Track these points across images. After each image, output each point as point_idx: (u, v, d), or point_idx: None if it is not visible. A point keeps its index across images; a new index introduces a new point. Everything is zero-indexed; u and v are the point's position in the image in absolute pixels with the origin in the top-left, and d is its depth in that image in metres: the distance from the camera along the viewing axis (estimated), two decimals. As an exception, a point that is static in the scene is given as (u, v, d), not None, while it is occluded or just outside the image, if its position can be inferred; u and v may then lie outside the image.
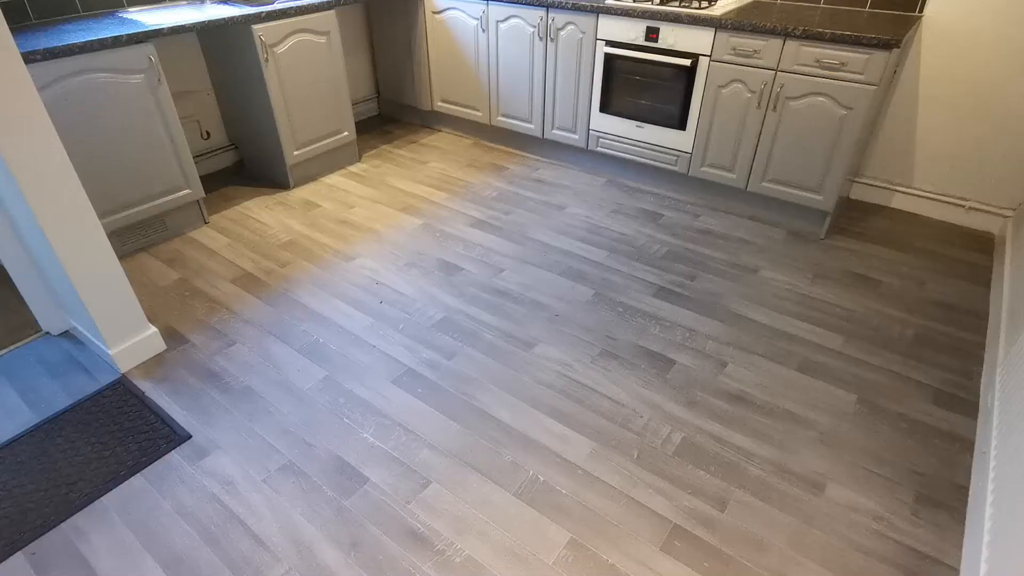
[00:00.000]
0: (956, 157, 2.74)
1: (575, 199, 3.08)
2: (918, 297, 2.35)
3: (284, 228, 2.83)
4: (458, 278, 2.47)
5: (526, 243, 2.71)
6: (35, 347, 2.12)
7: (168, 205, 2.67)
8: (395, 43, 3.74)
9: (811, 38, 2.36)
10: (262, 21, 2.71)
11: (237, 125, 3.25)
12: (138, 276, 2.50)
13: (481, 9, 3.22)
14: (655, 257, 2.60)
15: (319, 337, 2.15)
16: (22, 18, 2.49)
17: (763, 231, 2.79)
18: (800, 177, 2.64)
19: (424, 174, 3.35)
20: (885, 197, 3.00)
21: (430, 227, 2.83)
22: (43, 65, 2.12)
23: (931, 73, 2.65)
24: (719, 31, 2.57)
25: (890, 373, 1.99)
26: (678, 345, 2.11)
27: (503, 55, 3.29)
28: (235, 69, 2.96)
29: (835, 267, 2.53)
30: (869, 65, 2.29)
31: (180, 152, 2.63)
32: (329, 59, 3.07)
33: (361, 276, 2.49)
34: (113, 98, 2.35)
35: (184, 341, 2.14)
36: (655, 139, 2.99)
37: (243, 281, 2.46)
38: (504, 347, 2.11)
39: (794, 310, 2.28)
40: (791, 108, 2.53)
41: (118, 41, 2.29)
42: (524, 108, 3.38)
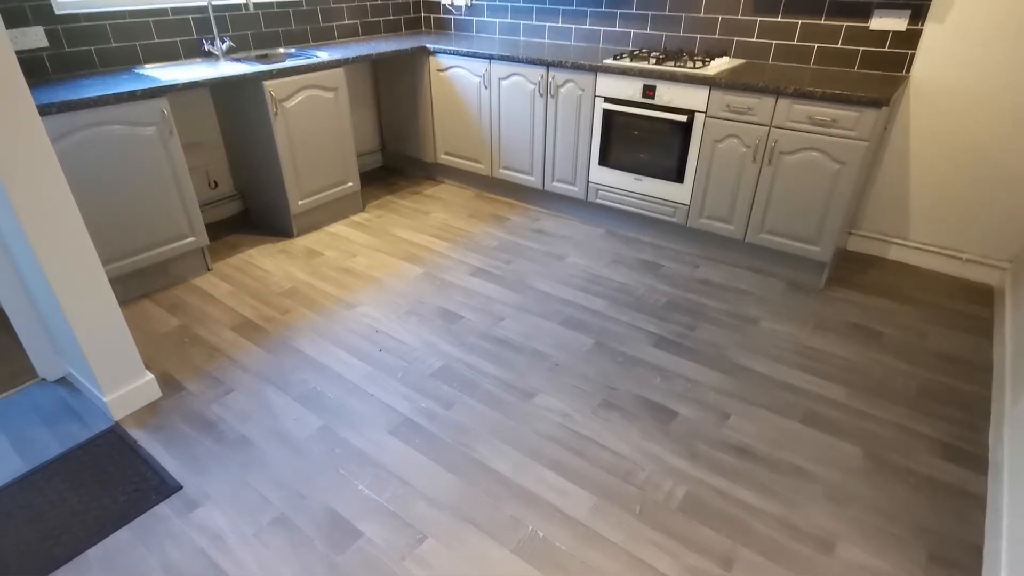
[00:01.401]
0: (950, 210, 2.78)
1: (575, 249, 3.11)
2: (920, 349, 2.34)
3: (286, 276, 2.85)
4: (458, 326, 2.47)
5: (526, 292, 2.72)
6: (30, 393, 2.10)
7: (172, 252, 2.70)
8: (401, 98, 3.87)
9: (803, 96, 2.44)
10: (273, 78, 2.82)
11: (244, 175, 3.33)
12: (138, 322, 2.50)
13: (484, 67, 3.35)
14: (655, 307, 2.61)
15: (317, 385, 2.13)
16: (41, 73, 2.58)
17: (762, 282, 2.81)
18: (797, 229, 2.68)
19: (426, 224, 3.40)
20: (882, 249, 3.03)
21: (431, 276, 2.85)
22: (58, 117, 2.19)
23: (920, 130, 2.73)
24: (714, 89, 2.66)
25: (896, 426, 1.96)
26: (679, 396, 2.09)
27: (505, 110, 3.40)
28: (245, 122, 3.05)
29: (835, 318, 2.53)
30: (860, 122, 2.36)
31: (187, 201, 2.68)
32: (336, 113, 3.17)
33: (361, 324, 2.49)
34: (125, 149, 2.41)
35: (181, 388, 2.12)
36: (654, 191, 3.05)
37: (243, 328, 2.46)
38: (503, 397, 2.08)
39: (796, 361, 2.26)
40: (786, 162, 2.59)
41: (133, 96, 2.37)
42: (525, 161, 3.46)
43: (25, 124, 1.56)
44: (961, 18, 2.48)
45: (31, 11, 2.49)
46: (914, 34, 2.59)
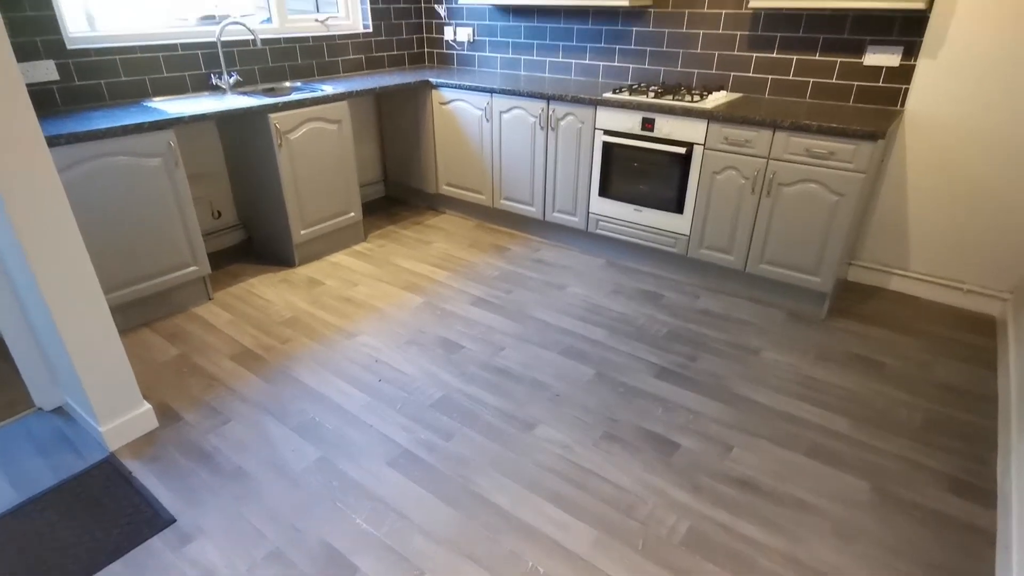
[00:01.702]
0: (949, 241, 2.80)
1: (575, 279, 3.12)
2: (923, 380, 2.32)
3: (287, 305, 2.85)
4: (458, 356, 2.46)
5: (527, 322, 2.71)
6: (26, 423, 2.08)
7: (174, 281, 2.70)
8: (404, 130, 3.93)
9: (799, 129, 2.48)
10: (278, 110, 2.87)
11: (247, 205, 3.36)
12: (137, 352, 2.49)
13: (486, 101, 3.41)
14: (656, 337, 2.60)
15: (316, 415, 2.11)
16: (51, 105, 2.64)
17: (763, 312, 2.81)
18: (797, 259, 2.69)
19: (428, 254, 3.41)
20: (883, 279, 3.03)
21: (432, 305, 2.85)
22: (66, 148, 2.23)
23: (917, 162, 2.76)
24: (711, 122, 2.70)
25: (901, 459, 1.93)
26: (681, 427, 2.06)
27: (506, 142, 3.45)
28: (250, 153, 3.09)
29: (837, 349, 2.52)
30: (856, 154, 2.39)
31: (190, 231, 2.70)
32: (339, 145, 3.22)
33: (361, 353, 2.48)
34: (131, 179, 2.44)
35: (178, 419, 2.10)
36: (653, 222, 3.07)
37: (243, 358, 2.45)
38: (503, 428, 2.06)
39: (798, 392, 2.25)
40: (784, 194, 2.62)
41: (140, 128, 2.41)
42: (526, 192, 3.50)
43: (33, 155, 1.59)
44: (953, 54, 2.53)
45: (43, 45, 2.55)
46: (907, 69, 2.64)
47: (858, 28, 2.70)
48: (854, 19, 2.69)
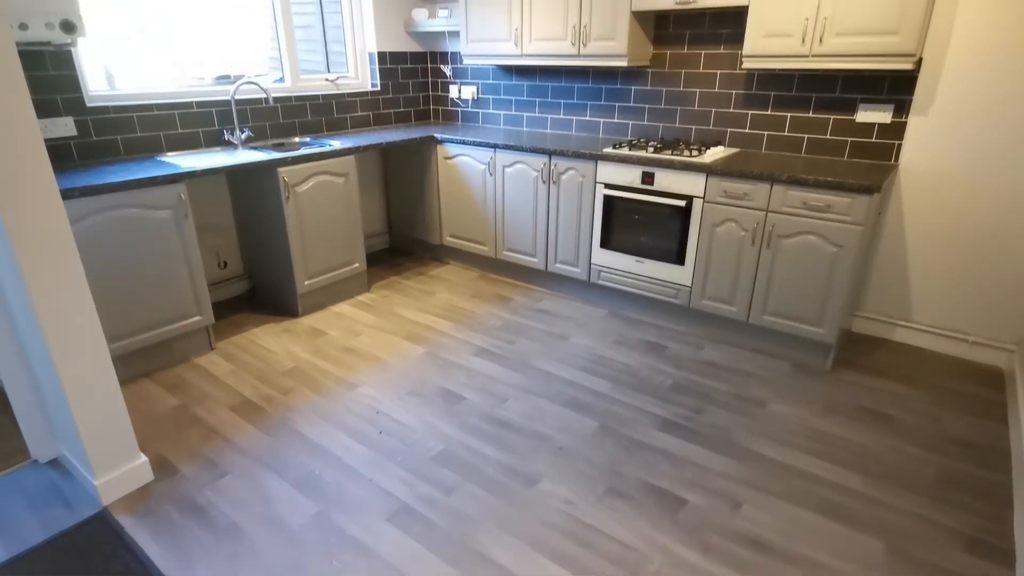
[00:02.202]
0: (951, 292, 2.80)
1: (578, 330, 3.12)
2: (934, 434, 2.28)
3: (289, 355, 2.84)
4: (460, 408, 2.43)
5: (529, 373, 2.69)
6: (20, 475, 2.04)
7: (177, 331, 2.71)
8: (409, 183, 4.02)
9: (796, 183, 2.53)
10: (287, 164, 2.95)
11: (253, 255, 3.40)
12: (136, 402, 2.47)
13: (489, 156, 3.51)
14: (660, 389, 2.57)
15: (315, 469, 2.07)
16: (67, 159, 2.71)
17: (768, 363, 2.78)
18: (800, 310, 2.69)
19: (431, 304, 3.43)
20: (887, 331, 3.02)
21: (434, 355, 2.84)
22: (79, 201, 2.28)
23: (914, 214, 2.80)
24: (710, 176, 2.76)
25: (916, 516, 1.87)
26: (688, 483, 2.01)
27: (509, 195, 3.52)
28: (258, 205, 3.16)
29: (844, 401, 2.48)
30: (853, 207, 2.43)
31: (196, 281, 2.73)
32: (346, 197, 3.29)
33: (362, 405, 2.45)
34: (141, 231, 2.48)
35: (174, 472, 2.06)
36: (655, 273, 3.09)
37: (243, 408, 2.42)
38: (506, 483, 2.01)
39: (807, 446, 2.20)
40: (784, 245, 2.64)
41: (153, 181, 2.47)
42: (528, 243, 3.54)
43: (46, 209, 1.62)
44: (943, 111, 2.61)
45: (63, 103, 2.65)
46: (899, 126, 2.72)
47: (849, 87, 2.79)
48: (844, 79, 2.79)
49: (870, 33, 2.43)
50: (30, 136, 1.57)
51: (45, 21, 2.25)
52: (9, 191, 1.55)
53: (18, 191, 1.57)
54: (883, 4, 2.37)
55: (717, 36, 3.08)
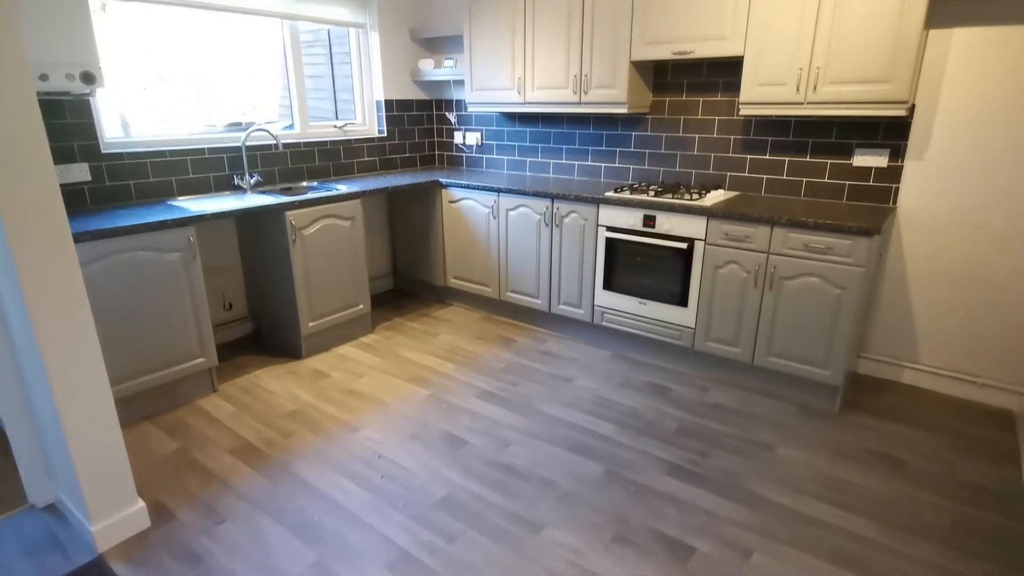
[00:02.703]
0: (957, 334, 2.79)
1: (582, 372, 3.10)
2: (947, 479, 2.23)
3: (291, 398, 2.83)
4: (463, 452, 2.40)
5: (533, 416, 2.67)
6: (16, 520, 2.00)
7: (181, 373, 2.70)
8: (413, 226, 4.08)
9: (796, 225, 2.56)
10: (295, 208, 3.00)
11: (258, 297, 3.43)
12: (136, 446, 2.44)
13: (493, 199, 3.56)
14: (666, 432, 2.54)
15: (314, 515, 2.03)
16: (80, 203, 2.77)
17: (775, 406, 2.75)
18: (805, 352, 2.67)
19: (434, 346, 3.42)
20: (895, 373, 2.99)
21: (437, 398, 2.82)
22: (90, 244, 2.31)
23: (915, 256, 2.81)
24: (711, 219, 2.79)
25: (932, 566, 1.81)
26: (696, 530, 1.96)
27: (512, 238, 3.56)
28: (265, 248, 3.20)
29: (854, 445, 2.44)
30: (854, 249, 2.45)
31: (201, 323, 2.74)
32: (351, 240, 3.33)
33: (364, 448, 2.42)
34: (149, 273, 2.51)
35: (171, 518, 2.02)
36: (658, 315, 3.09)
37: (243, 452, 2.39)
38: (510, 530, 1.96)
39: (817, 492, 2.15)
40: (787, 287, 2.65)
41: (163, 224, 2.52)
42: (532, 285, 3.56)
43: (58, 252, 1.65)
44: (938, 155, 2.66)
45: (79, 150, 2.73)
46: (896, 170, 2.77)
47: (844, 133, 2.85)
48: (840, 125, 2.86)
49: (863, 81, 2.50)
50: (46, 183, 1.61)
51: (66, 72, 2.34)
52: (23, 236, 1.58)
53: (32, 236, 1.60)
54: (874, 54, 2.45)
55: (714, 84, 3.18)
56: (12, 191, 1.55)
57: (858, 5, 2.44)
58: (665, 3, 2.92)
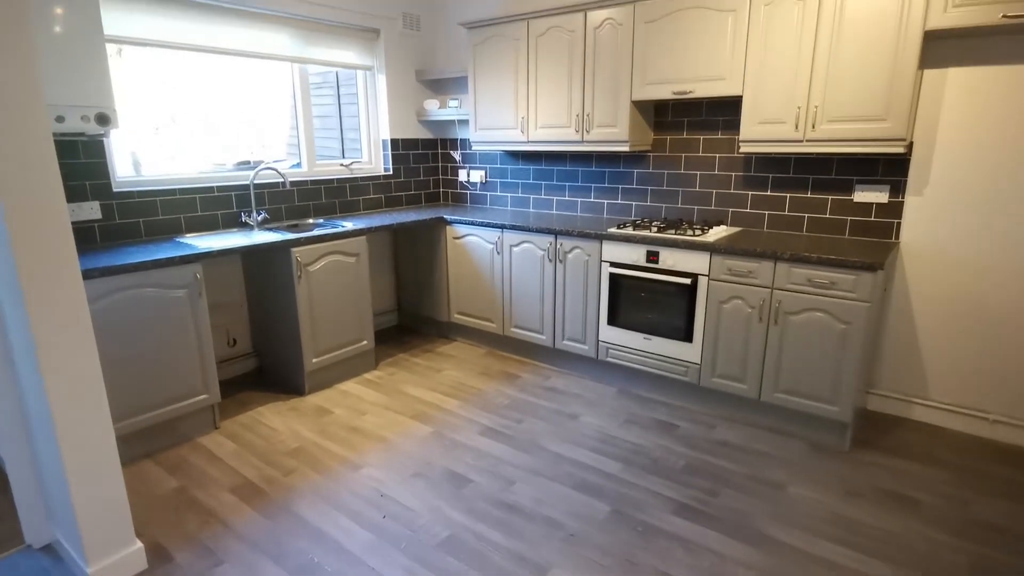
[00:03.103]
0: (965, 369, 2.76)
1: (587, 408, 3.07)
2: (963, 519, 2.17)
3: (293, 435, 2.80)
4: (467, 491, 2.35)
5: (538, 453, 2.63)
6: (12, 561, 1.96)
7: (183, 410, 2.69)
8: (418, 262, 4.11)
9: (799, 260, 2.57)
10: (300, 245, 3.03)
11: (262, 333, 3.43)
12: (136, 484, 2.41)
13: (497, 235, 3.60)
14: (673, 470, 2.49)
15: (314, 556, 1.99)
16: (90, 241, 2.81)
17: (784, 443, 2.71)
18: (812, 388, 2.65)
19: (438, 382, 3.40)
20: (904, 409, 2.95)
21: (440, 435, 2.79)
22: (98, 281, 2.34)
23: (919, 291, 2.81)
24: (714, 254, 2.81)
25: (953, 612, 1.75)
26: (706, 572, 1.91)
27: (516, 274, 3.58)
28: (270, 284, 3.22)
29: (866, 483, 2.39)
30: (858, 284, 2.45)
31: (206, 360, 2.74)
32: (356, 276, 3.35)
33: (366, 487, 2.38)
34: (155, 309, 2.53)
35: (169, 559, 1.98)
36: (663, 350, 3.08)
37: (243, 491, 2.36)
38: (514, 572, 1.91)
39: (830, 532, 2.10)
40: (792, 322, 2.64)
41: (171, 261, 2.54)
42: (536, 320, 3.56)
43: (68, 292, 1.67)
44: (938, 191, 2.69)
45: (91, 188, 2.78)
46: (897, 205, 2.79)
47: (844, 169, 2.89)
48: (839, 161, 2.90)
49: (860, 120, 2.54)
50: (59, 223, 1.63)
51: (81, 114, 2.40)
52: (35, 276, 1.60)
53: (43, 275, 1.62)
54: (870, 94, 2.50)
55: (714, 123, 3.24)
56: (26, 231, 1.58)
57: (852, 47, 2.50)
58: (664, 45, 3.00)
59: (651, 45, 3.04)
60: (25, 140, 1.55)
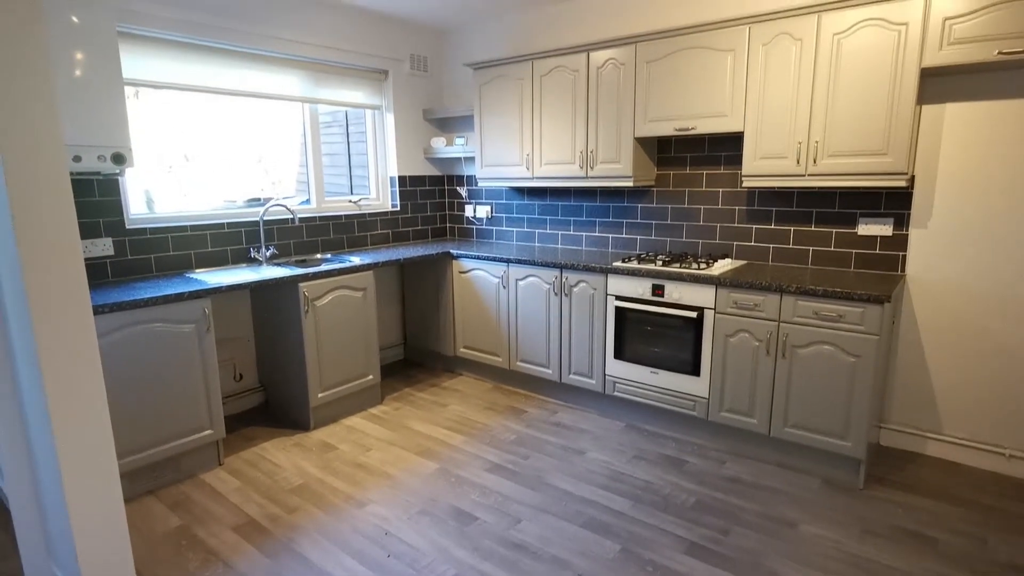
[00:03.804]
0: (978, 403, 2.72)
1: (595, 444, 3.03)
2: (983, 559, 2.11)
3: (298, 471, 2.77)
4: (472, 529, 2.31)
5: (545, 490, 2.58)
6: (7, 605, 1.93)
7: (188, 446, 2.67)
8: (424, 296, 4.13)
9: (805, 293, 2.57)
10: (308, 280, 3.06)
11: (269, 367, 3.43)
12: (138, 521, 2.38)
13: (503, 269, 3.62)
14: (683, 508, 2.44)
15: (317, 598, 1.94)
16: (102, 276, 2.85)
17: (795, 480, 2.65)
18: (823, 423, 2.61)
19: (443, 417, 3.37)
20: (919, 444, 2.89)
21: (446, 471, 2.75)
22: (108, 316, 2.36)
23: (928, 324, 2.79)
24: (720, 287, 2.81)
25: (978, 658, 1.68)
26: (720, 615, 1.85)
27: (522, 307, 3.58)
28: (277, 318, 3.24)
29: (882, 522, 2.33)
30: (866, 317, 2.44)
31: (212, 395, 2.73)
32: (363, 311, 3.37)
33: (370, 524, 2.34)
34: (163, 344, 2.54)
35: (169, 600, 1.94)
36: (671, 384, 3.05)
37: (246, 529, 2.32)
38: (521, 614, 1.86)
39: (846, 573, 2.04)
40: (800, 356, 2.62)
41: (180, 297, 2.57)
42: (542, 354, 3.55)
43: (78, 330, 1.68)
44: (942, 223, 2.69)
45: (105, 225, 2.83)
46: (901, 238, 2.80)
47: (847, 202, 2.91)
48: (842, 195, 2.92)
49: (861, 154, 2.58)
50: (72, 262, 1.66)
51: (98, 154, 2.47)
52: (46, 314, 1.62)
53: (55, 314, 1.64)
54: (870, 129, 2.54)
55: (717, 158, 3.29)
56: (39, 270, 1.61)
57: (850, 83, 2.55)
58: (666, 83, 3.07)
59: (653, 83, 3.11)
60: (43, 182, 1.59)
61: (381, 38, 4.00)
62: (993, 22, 2.24)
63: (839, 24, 2.55)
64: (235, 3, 3.20)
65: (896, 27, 2.43)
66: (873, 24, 2.47)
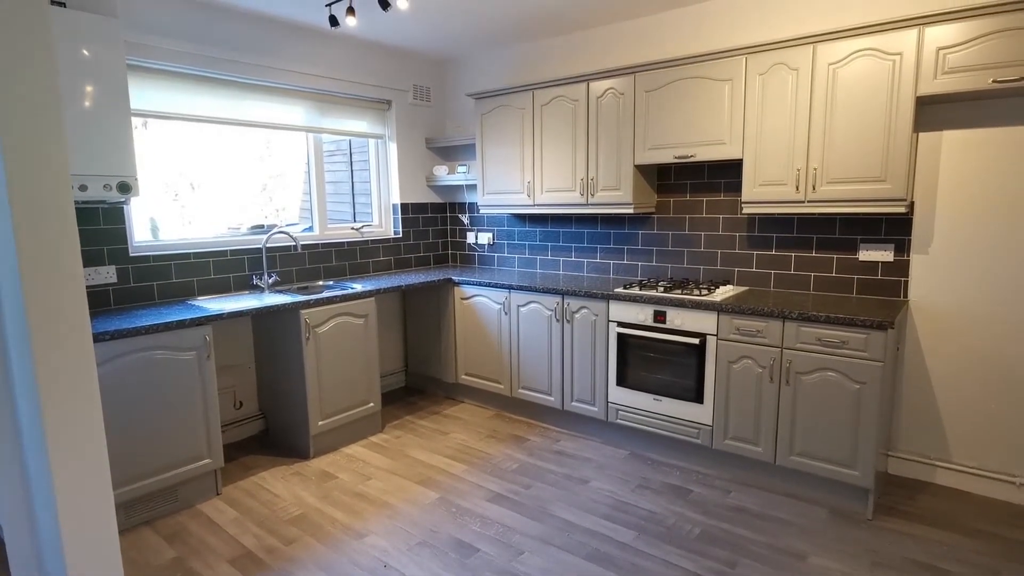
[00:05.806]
0: (986, 430, 2.68)
1: (598, 473, 2.98)
2: (998, 592, 2.05)
3: (296, 501, 2.73)
4: (474, 561, 2.26)
5: (548, 521, 2.54)
6: (-3, 641, 1.89)
7: (185, 475, 2.64)
8: (426, 323, 4.12)
9: (807, 320, 2.55)
10: (310, 307, 3.06)
11: (269, 395, 3.41)
12: (132, 553, 2.34)
13: (504, 296, 3.62)
14: (688, 539, 2.39)
15: (313, 633, 1.90)
16: (104, 304, 2.85)
17: (803, 510, 2.60)
18: (829, 451, 2.57)
19: (444, 445, 3.33)
20: (927, 473, 2.84)
21: (447, 501, 2.71)
22: (108, 344, 2.36)
23: (932, 350, 2.77)
24: (722, 314, 2.80)
25: None
26: (728, 652, 1.80)
27: (523, 334, 3.57)
28: (278, 345, 3.23)
29: (893, 554, 2.28)
30: (869, 343, 2.42)
31: (211, 423, 2.71)
32: (364, 338, 3.36)
33: (369, 557, 2.30)
34: (163, 372, 2.53)
35: (162, 636, 1.90)
36: (674, 412, 3.02)
37: (242, 562, 2.28)
38: (523, 651, 1.81)
39: (857, 607, 1.98)
40: (804, 382, 2.60)
41: (181, 324, 2.57)
42: (544, 381, 3.52)
43: (77, 354, 1.68)
44: (943, 248, 2.69)
45: (108, 253, 2.85)
46: (903, 263, 2.79)
47: (848, 228, 2.92)
48: (842, 221, 2.93)
49: (860, 181, 2.59)
50: (75, 290, 1.66)
51: (104, 183, 2.50)
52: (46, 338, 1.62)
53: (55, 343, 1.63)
54: (868, 156, 2.56)
55: (716, 184, 3.31)
56: (41, 298, 1.61)
57: (847, 112, 2.59)
58: (665, 112, 3.11)
59: (652, 112, 3.15)
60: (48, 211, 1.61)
61: (385, 69, 4.08)
62: (987, 51, 2.28)
63: (834, 55, 2.59)
64: (242, 37, 3.28)
65: (890, 57, 2.47)
66: (868, 54, 2.51)
